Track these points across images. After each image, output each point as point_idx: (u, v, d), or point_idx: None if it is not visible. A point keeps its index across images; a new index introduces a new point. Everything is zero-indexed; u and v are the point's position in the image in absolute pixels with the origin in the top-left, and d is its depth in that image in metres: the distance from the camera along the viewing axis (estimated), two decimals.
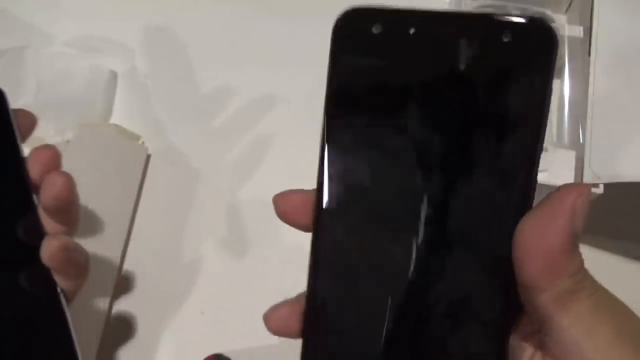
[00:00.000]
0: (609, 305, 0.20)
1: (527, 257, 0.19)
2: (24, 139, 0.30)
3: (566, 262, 0.19)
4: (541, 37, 0.19)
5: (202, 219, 0.43)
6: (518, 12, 0.20)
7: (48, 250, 0.28)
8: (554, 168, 0.40)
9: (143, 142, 0.45)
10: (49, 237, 0.28)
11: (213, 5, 0.51)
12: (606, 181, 0.36)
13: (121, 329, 0.40)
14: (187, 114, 0.47)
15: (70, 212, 0.29)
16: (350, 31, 0.20)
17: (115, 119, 0.46)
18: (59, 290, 0.29)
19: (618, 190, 0.44)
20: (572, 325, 0.19)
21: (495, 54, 0.19)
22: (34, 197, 0.29)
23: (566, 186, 0.19)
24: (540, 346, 0.20)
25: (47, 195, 0.28)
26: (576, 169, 0.39)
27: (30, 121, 0.31)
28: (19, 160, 0.29)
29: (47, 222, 0.29)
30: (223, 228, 0.43)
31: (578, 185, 0.19)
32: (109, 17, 0.50)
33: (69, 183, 0.28)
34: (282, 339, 0.40)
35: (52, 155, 0.29)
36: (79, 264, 0.30)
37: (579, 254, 0.19)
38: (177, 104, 0.47)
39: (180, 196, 0.44)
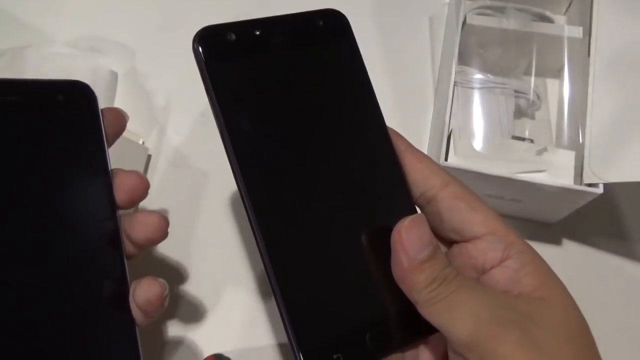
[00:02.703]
0: (465, 300, 0.24)
1: (402, 289, 0.25)
2: (110, 143, 0.30)
3: (413, 281, 0.24)
4: (333, 22, 0.28)
5: (203, 219, 0.43)
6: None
7: (146, 296, 0.27)
8: (554, 168, 0.40)
9: (143, 142, 0.45)
10: (150, 280, 0.28)
11: (213, 4, 0.51)
12: (606, 181, 0.36)
13: None
14: (188, 114, 0.47)
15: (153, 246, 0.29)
16: (211, 43, 0.25)
17: None
18: (136, 329, 0.28)
19: (618, 190, 0.45)
20: (432, 317, 0.24)
21: (310, 37, 0.27)
22: (120, 227, 0.28)
23: (399, 223, 0.24)
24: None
25: (139, 232, 0.28)
26: (576, 168, 0.40)
27: (120, 122, 0.30)
28: (106, 175, 0.28)
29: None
30: (224, 228, 0.43)
31: (402, 220, 0.24)
32: (109, 17, 0.50)
33: (164, 225, 0.29)
34: (281, 339, 0.40)
35: (141, 185, 0.29)
36: (165, 308, 0.29)
37: (431, 267, 0.24)
38: (177, 104, 0.47)
39: (180, 196, 0.44)
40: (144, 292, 0.27)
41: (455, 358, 0.24)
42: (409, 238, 0.24)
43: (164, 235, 0.29)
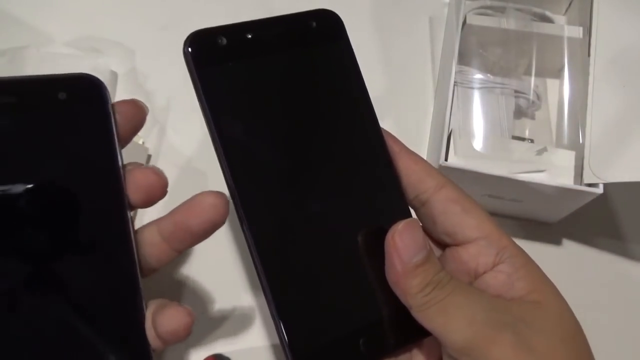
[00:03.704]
0: (458, 304, 0.24)
1: (396, 293, 0.24)
2: (127, 140, 0.27)
3: (407, 286, 0.24)
4: (326, 23, 0.27)
5: None
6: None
7: (171, 327, 0.25)
8: (553, 168, 0.40)
9: (143, 142, 0.45)
10: (177, 310, 0.25)
11: (213, 5, 0.51)
12: (606, 181, 0.36)
13: None
14: (188, 113, 0.47)
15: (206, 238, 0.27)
16: (202, 47, 0.24)
17: None
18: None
19: (618, 190, 0.45)
20: (426, 322, 0.24)
21: (303, 39, 0.27)
22: (133, 238, 0.26)
23: (393, 227, 0.24)
24: None
25: (202, 220, 0.26)
26: (576, 168, 0.39)
27: (138, 115, 0.27)
28: (116, 178, 0.26)
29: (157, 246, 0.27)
30: (224, 228, 0.43)
31: (396, 224, 0.24)
32: (109, 17, 0.50)
33: (227, 203, 0.26)
34: None
35: (158, 183, 0.27)
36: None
37: (425, 272, 0.24)
38: (177, 104, 0.47)
39: (181, 196, 0.44)
40: (169, 322, 0.25)
41: None
42: (402, 242, 0.24)
43: (226, 216, 0.27)
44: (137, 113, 0.28)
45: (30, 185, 0.25)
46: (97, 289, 0.25)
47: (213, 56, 0.25)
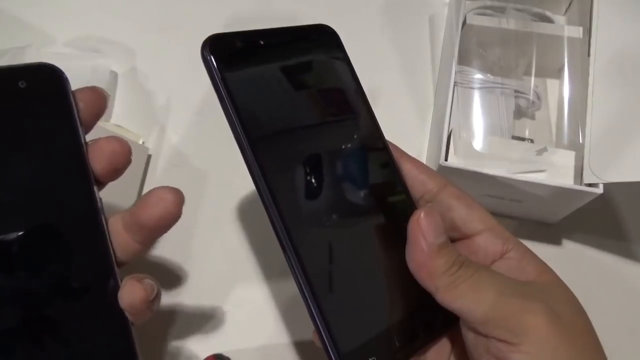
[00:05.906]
0: (486, 279, 0.25)
1: (417, 278, 0.25)
2: (89, 125, 0.27)
3: (433, 266, 0.25)
4: (327, 36, 0.29)
5: (203, 219, 0.43)
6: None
7: (129, 299, 0.25)
8: (554, 168, 0.40)
9: (143, 142, 0.45)
10: (133, 283, 0.25)
11: (213, 5, 0.51)
12: (606, 181, 0.36)
13: None
14: (187, 114, 0.47)
15: (161, 233, 0.27)
16: (221, 51, 0.25)
17: (115, 119, 0.46)
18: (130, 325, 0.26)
19: (618, 190, 0.45)
20: (455, 300, 0.24)
21: (308, 49, 0.28)
22: (103, 217, 0.26)
23: (415, 213, 0.25)
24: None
25: (151, 212, 0.26)
26: (576, 168, 0.39)
27: (98, 101, 0.28)
28: (81, 159, 0.26)
29: (121, 237, 0.26)
30: (224, 228, 0.43)
31: (419, 209, 0.25)
32: (109, 17, 0.50)
33: (179, 200, 0.26)
34: (282, 339, 0.40)
35: (121, 149, 0.27)
36: (154, 310, 0.26)
37: (449, 253, 0.25)
38: (177, 104, 0.47)
39: None
40: (126, 295, 0.25)
41: (476, 343, 0.25)
42: (426, 225, 0.25)
43: (178, 214, 0.26)
44: (98, 99, 0.28)
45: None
46: (69, 266, 0.25)
47: (230, 60, 0.25)
